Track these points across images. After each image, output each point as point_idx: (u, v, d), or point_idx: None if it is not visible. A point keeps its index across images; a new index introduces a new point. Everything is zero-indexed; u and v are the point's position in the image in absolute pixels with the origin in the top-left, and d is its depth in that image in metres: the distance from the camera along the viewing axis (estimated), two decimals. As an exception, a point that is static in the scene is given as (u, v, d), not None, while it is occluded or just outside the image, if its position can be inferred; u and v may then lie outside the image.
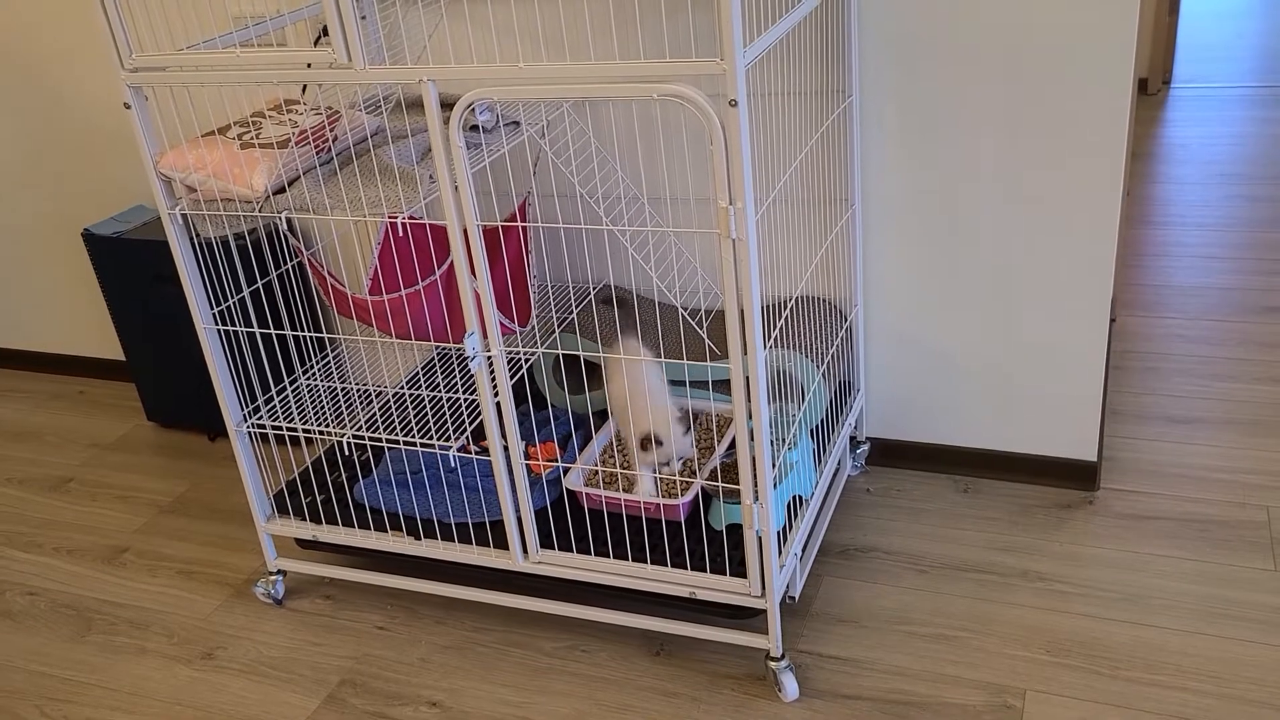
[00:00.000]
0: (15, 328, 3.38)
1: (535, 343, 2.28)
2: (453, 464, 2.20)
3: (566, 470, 2.10)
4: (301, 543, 2.22)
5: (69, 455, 2.95)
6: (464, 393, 2.34)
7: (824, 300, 2.33)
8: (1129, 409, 2.60)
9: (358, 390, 2.39)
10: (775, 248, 2.25)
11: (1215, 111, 4.62)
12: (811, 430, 2.15)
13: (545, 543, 2.01)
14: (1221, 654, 1.90)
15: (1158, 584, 2.07)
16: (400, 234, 2.15)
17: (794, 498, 1.98)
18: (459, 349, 2.47)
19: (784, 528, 1.93)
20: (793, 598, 2.02)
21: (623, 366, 2.01)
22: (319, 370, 2.44)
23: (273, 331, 2.08)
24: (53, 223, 3.12)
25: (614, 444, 2.17)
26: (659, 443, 1.96)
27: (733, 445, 2.12)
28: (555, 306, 2.40)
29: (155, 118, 1.91)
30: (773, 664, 1.91)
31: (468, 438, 2.20)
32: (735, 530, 1.96)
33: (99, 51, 2.77)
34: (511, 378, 1.88)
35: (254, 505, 2.19)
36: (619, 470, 2.08)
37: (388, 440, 2.22)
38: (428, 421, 2.28)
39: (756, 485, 1.75)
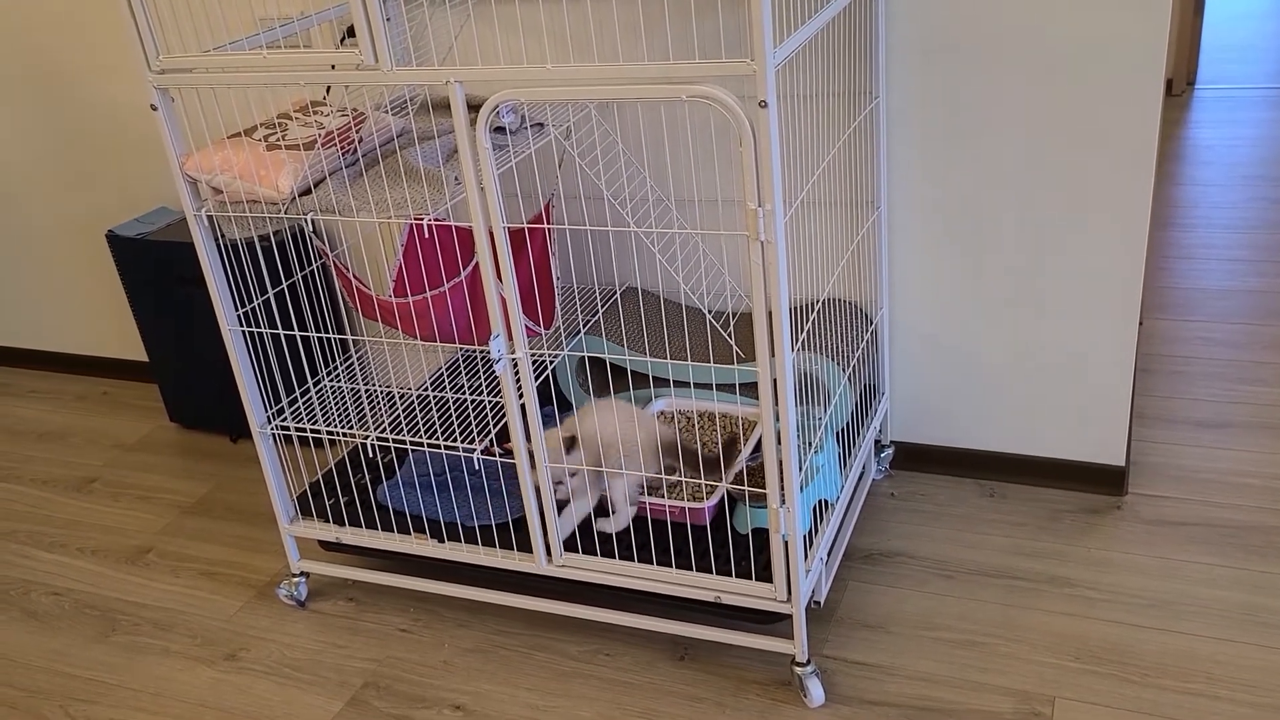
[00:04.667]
0: (39, 329, 3.40)
1: (560, 345, 2.27)
2: (476, 466, 2.19)
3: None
4: (325, 545, 2.22)
5: (92, 456, 2.96)
6: (487, 394, 2.33)
7: (849, 303, 2.32)
8: (1156, 413, 2.58)
9: (381, 392, 2.39)
10: (802, 250, 2.23)
11: (1240, 113, 4.58)
12: (836, 434, 2.13)
13: (569, 546, 2.01)
14: (1254, 662, 1.88)
15: (1188, 590, 2.05)
16: (425, 236, 2.15)
17: (819, 502, 1.97)
18: (482, 350, 2.47)
19: (809, 532, 1.91)
20: (818, 603, 2.01)
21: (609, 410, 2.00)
22: (342, 372, 2.44)
23: (296, 333, 2.08)
24: (77, 224, 3.13)
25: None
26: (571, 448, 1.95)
27: (757, 449, 2.11)
28: (580, 309, 2.39)
29: (181, 119, 1.92)
30: (798, 669, 1.90)
31: (491, 440, 2.20)
32: (760, 534, 1.94)
33: (124, 53, 2.78)
34: (535, 380, 1.87)
35: (277, 507, 2.19)
36: (645, 475, 2.07)
37: (411, 442, 2.21)
38: (451, 424, 2.27)
39: (783, 489, 1.73)
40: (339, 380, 2.40)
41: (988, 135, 2.11)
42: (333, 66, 1.72)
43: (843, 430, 2.15)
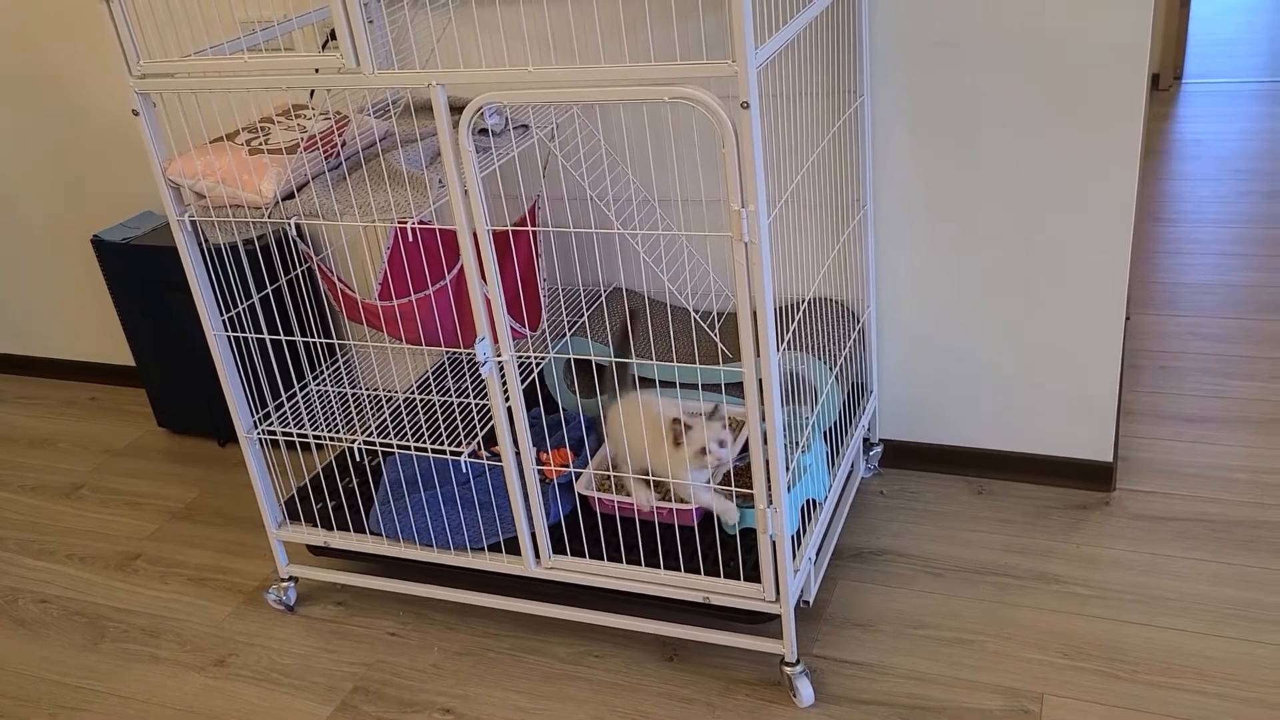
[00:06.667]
0: (26, 334, 3.38)
1: (546, 347, 2.27)
2: (464, 470, 2.19)
3: (578, 475, 2.08)
4: (313, 549, 2.22)
5: (80, 462, 2.95)
6: (475, 397, 2.33)
7: (836, 302, 2.32)
8: (1144, 408, 2.58)
9: (368, 395, 2.38)
10: (787, 249, 2.23)
11: (1227, 107, 4.59)
12: (825, 433, 2.13)
13: (557, 548, 2.00)
14: (1242, 656, 1.88)
15: (1176, 586, 2.05)
16: (409, 239, 2.14)
17: (807, 501, 1.97)
18: (469, 353, 2.46)
19: (798, 532, 1.91)
20: (807, 602, 2.01)
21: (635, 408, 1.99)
22: (329, 376, 2.43)
23: (282, 337, 2.08)
24: (62, 228, 3.12)
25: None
26: (688, 428, 1.90)
27: (745, 449, 2.10)
28: (566, 309, 2.38)
29: (164, 124, 1.91)
30: (788, 669, 1.90)
31: (479, 443, 2.19)
32: (749, 534, 1.94)
33: (108, 58, 2.77)
34: (522, 382, 1.87)
35: (265, 511, 2.18)
36: (632, 475, 2.07)
37: (399, 446, 2.21)
38: (439, 426, 2.27)
39: (770, 489, 1.73)
40: (326, 384, 2.39)
41: (972, 132, 2.11)
42: (315, 70, 1.72)
43: (831, 429, 2.15)
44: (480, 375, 2.42)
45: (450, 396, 2.35)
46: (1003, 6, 1.99)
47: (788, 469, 1.86)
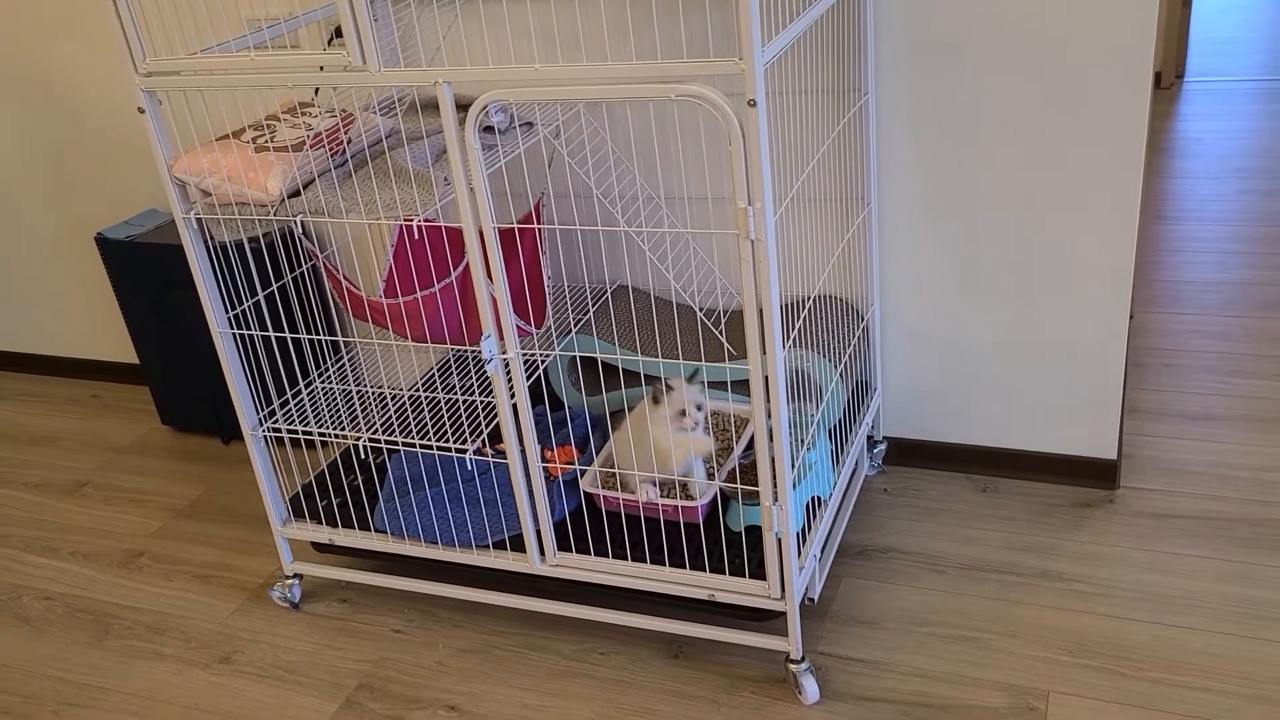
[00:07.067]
0: (29, 332, 3.39)
1: (551, 344, 2.27)
2: (469, 467, 2.19)
3: (583, 473, 2.09)
4: (318, 546, 2.22)
5: (84, 459, 2.95)
6: (479, 394, 2.33)
7: (841, 300, 2.32)
8: (1148, 406, 2.58)
9: (373, 393, 2.39)
10: (792, 247, 2.23)
11: (1229, 105, 4.59)
12: (829, 430, 2.13)
13: (562, 545, 2.00)
14: (1247, 654, 1.89)
15: (1180, 583, 2.06)
16: (415, 236, 2.14)
17: (812, 498, 1.97)
18: (473, 350, 2.46)
19: (803, 529, 1.92)
20: (812, 599, 2.01)
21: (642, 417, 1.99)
22: (334, 373, 2.43)
23: (287, 335, 2.08)
24: (66, 226, 3.12)
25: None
26: (669, 388, 1.94)
27: (750, 446, 2.11)
28: (571, 307, 2.39)
29: (169, 122, 1.91)
30: (793, 666, 1.90)
31: (484, 440, 2.20)
32: (754, 532, 1.94)
33: (113, 55, 2.77)
34: (527, 379, 1.87)
35: (270, 509, 2.18)
36: (638, 473, 2.07)
37: (404, 443, 2.21)
38: (443, 424, 2.27)
39: (776, 487, 1.73)
40: (330, 381, 2.39)
41: (977, 130, 2.11)
42: (321, 68, 1.72)
43: (835, 427, 2.15)
44: (484, 372, 2.42)
45: (455, 394, 2.35)
46: (1005, 6, 1.99)
47: (793, 466, 1.86)
